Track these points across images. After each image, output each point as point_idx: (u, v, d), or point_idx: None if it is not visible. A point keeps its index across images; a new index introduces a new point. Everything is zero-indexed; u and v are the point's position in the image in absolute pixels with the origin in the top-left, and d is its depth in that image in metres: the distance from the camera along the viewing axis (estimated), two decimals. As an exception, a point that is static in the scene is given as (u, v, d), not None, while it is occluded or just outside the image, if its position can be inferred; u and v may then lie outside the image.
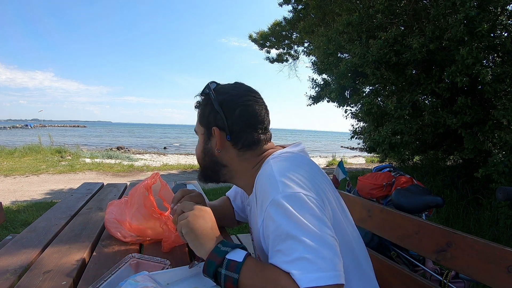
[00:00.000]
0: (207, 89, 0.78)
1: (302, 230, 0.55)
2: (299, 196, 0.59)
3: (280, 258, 0.56)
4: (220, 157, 0.77)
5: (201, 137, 0.81)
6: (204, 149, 0.80)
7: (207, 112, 0.77)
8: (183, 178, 7.02)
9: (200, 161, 0.82)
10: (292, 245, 0.55)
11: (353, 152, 19.20)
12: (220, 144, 0.75)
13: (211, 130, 0.76)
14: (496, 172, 2.88)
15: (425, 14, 4.00)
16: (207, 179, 0.84)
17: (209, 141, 0.78)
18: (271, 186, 0.62)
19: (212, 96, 0.76)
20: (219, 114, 0.74)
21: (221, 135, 0.75)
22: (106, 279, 0.71)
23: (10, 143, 15.58)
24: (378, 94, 4.54)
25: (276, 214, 0.58)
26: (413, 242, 1.03)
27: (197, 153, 0.82)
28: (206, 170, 0.82)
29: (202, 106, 0.80)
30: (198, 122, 0.81)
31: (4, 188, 5.30)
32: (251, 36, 10.20)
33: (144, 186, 0.94)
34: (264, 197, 0.62)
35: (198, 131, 0.82)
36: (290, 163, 0.68)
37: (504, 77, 3.09)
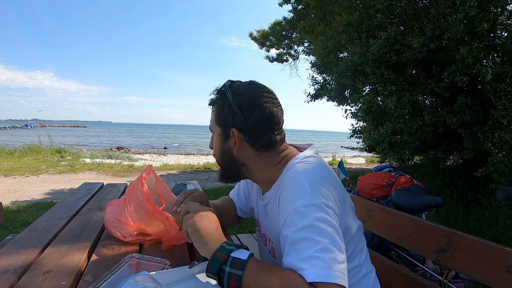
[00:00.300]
0: (224, 89, 0.77)
1: (319, 234, 0.59)
2: (323, 207, 0.62)
3: (294, 255, 0.59)
4: (239, 157, 0.78)
5: (217, 138, 0.81)
6: (221, 149, 0.80)
7: (225, 113, 0.77)
8: (183, 178, 7.02)
9: (219, 161, 0.83)
10: (307, 244, 0.58)
11: (353, 152, 19.19)
12: (239, 145, 0.77)
13: (229, 131, 0.76)
14: (496, 171, 2.88)
15: (425, 13, 3.99)
16: (229, 179, 0.85)
17: (226, 142, 0.78)
18: (300, 191, 0.65)
19: (229, 97, 0.76)
20: (237, 115, 0.75)
21: (240, 137, 0.76)
22: (106, 279, 0.71)
23: (10, 143, 15.58)
24: (378, 93, 4.54)
25: (299, 219, 0.61)
26: (413, 242, 1.04)
27: (216, 153, 0.83)
28: (226, 169, 0.83)
29: (218, 106, 0.79)
30: (214, 122, 0.80)
31: (4, 188, 5.30)
32: (252, 34, 10.20)
33: (139, 182, 0.94)
34: (291, 200, 0.65)
35: (214, 130, 0.82)
36: (317, 170, 0.72)
37: (504, 77, 3.09)
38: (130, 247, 0.93)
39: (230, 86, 0.78)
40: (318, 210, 0.62)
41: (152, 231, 0.95)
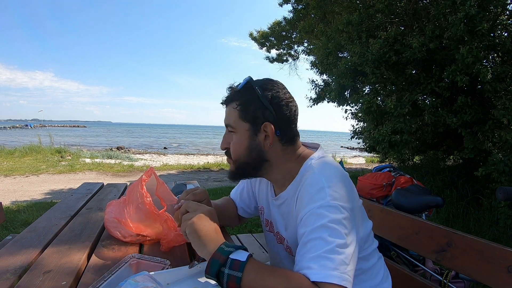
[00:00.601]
0: (252, 84, 0.77)
1: (332, 235, 0.60)
2: (341, 209, 0.64)
3: (304, 254, 0.61)
4: (268, 151, 0.78)
5: (244, 134, 0.78)
6: (250, 145, 0.78)
7: (253, 107, 0.76)
8: (183, 178, 7.02)
9: (243, 158, 0.79)
10: (318, 244, 0.60)
11: (353, 152, 19.19)
12: (272, 140, 0.77)
13: (258, 126, 0.76)
14: (496, 171, 2.87)
15: (425, 13, 3.99)
16: (242, 176, 0.84)
17: (256, 137, 0.77)
18: (319, 192, 0.67)
19: (258, 92, 0.76)
20: (267, 109, 0.75)
21: (273, 131, 0.76)
22: (106, 279, 0.71)
23: (10, 143, 15.58)
24: (377, 93, 4.53)
25: (316, 219, 0.63)
26: (413, 242, 1.04)
27: (239, 150, 0.79)
28: (245, 166, 0.80)
29: (243, 101, 0.77)
30: (239, 118, 0.77)
31: (4, 188, 5.30)
32: (252, 34, 10.19)
33: (139, 184, 0.94)
34: (310, 200, 0.67)
35: (238, 127, 0.78)
36: (336, 172, 0.74)
37: (504, 77, 3.09)
38: (130, 247, 0.93)
39: (254, 81, 0.78)
40: (335, 212, 0.63)
41: (151, 233, 0.95)
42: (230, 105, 0.79)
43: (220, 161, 9.99)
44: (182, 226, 0.72)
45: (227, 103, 0.81)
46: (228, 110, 0.80)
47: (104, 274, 0.72)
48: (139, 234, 0.95)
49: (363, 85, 4.75)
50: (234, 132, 0.79)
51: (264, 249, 2.07)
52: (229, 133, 0.81)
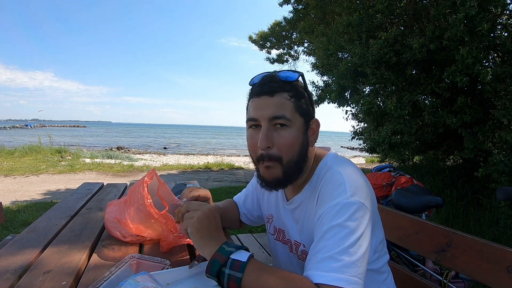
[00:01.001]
0: (304, 79, 0.75)
1: (348, 235, 0.59)
2: (361, 206, 0.63)
3: (316, 253, 0.59)
4: (310, 150, 0.77)
5: (300, 129, 0.71)
6: (303, 141, 0.73)
7: (304, 103, 0.73)
8: (183, 178, 7.02)
9: (295, 157, 0.71)
10: (331, 244, 0.58)
11: (353, 152, 19.19)
12: (317, 135, 0.77)
13: (309, 122, 0.74)
14: (496, 171, 2.87)
15: (425, 14, 3.99)
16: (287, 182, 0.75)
17: (307, 133, 0.74)
18: (339, 188, 0.65)
19: (307, 87, 0.75)
20: (311, 106, 0.76)
21: (319, 127, 0.77)
22: (106, 279, 0.71)
23: (10, 143, 15.57)
24: (378, 94, 4.54)
25: (334, 216, 0.61)
26: (413, 242, 1.04)
27: (294, 148, 0.71)
28: (295, 166, 0.72)
29: (297, 95, 0.72)
30: (295, 112, 0.71)
31: (4, 188, 5.30)
32: (251, 37, 10.20)
33: (141, 185, 0.94)
34: (330, 197, 0.65)
35: (294, 121, 0.70)
36: (354, 169, 0.72)
37: (504, 77, 3.08)
38: (130, 247, 0.93)
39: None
40: (354, 209, 0.61)
41: (151, 234, 0.95)
42: (281, 96, 0.70)
43: (220, 161, 9.99)
44: (183, 224, 0.72)
45: (275, 93, 0.70)
46: (277, 101, 0.70)
47: (104, 274, 0.72)
48: (139, 234, 0.95)
49: (363, 86, 4.76)
50: (288, 126, 0.70)
51: (264, 249, 2.07)
52: (272, 128, 0.70)
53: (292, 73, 0.73)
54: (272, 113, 0.69)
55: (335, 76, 4.65)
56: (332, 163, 0.74)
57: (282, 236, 0.87)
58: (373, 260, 0.75)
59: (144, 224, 0.93)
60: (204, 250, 0.66)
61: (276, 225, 0.90)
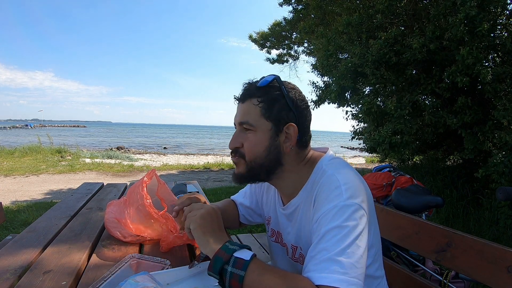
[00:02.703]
0: (278, 83, 0.74)
1: (346, 236, 0.59)
2: (358, 208, 0.63)
3: (316, 255, 0.59)
4: (285, 154, 0.75)
5: (266, 133, 0.73)
6: (270, 145, 0.73)
7: (277, 107, 0.73)
8: (183, 178, 7.02)
9: (260, 159, 0.74)
10: (330, 246, 0.58)
11: (353, 152, 19.19)
12: (294, 142, 0.74)
13: (281, 127, 0.73)
14: (496, 172, 2.87)
15: (425, 14, 3.99)
16: (252, 179, 0.78)
17: (277, 137, 0.74)
18: (335, 191, 0.65)
19: (284, 91, 0.73)
20: (291, 111, 0.73)
21: (296, 132, 0.74)
22: (106, 279, 0.71)
23: (10, 143, 15.57)
24: (378, 94, 4.53)
25: (332, 219, 0.62)
26: (413, 242, 1.04)
27: (258, 150, 0.74)
28: (260, 168, 0.75)
29: (267, 99, 0.73)
30: (261, 116, 0.73)
31: (4, 188, 5.30)
32: (251, 36, 10.19)
33: (140, 185, 0.94)
34: (326, 199, 0.65)
35: (259, 125, 0.73)
36: (350, 171, 0.72)
37: (504, 77, 3.08)
38: (130, 247, 0.93)
39: (280, 80, 0.74)
40: (351, 211, 0.62)
41: (150, 234, 0.95)
42: (249, 101, 0.74)
43: (220, 161, 9.99)
44: (186, 222, 0.72)
45: (245, 99, 0.75)
46: (245, 107, 0.75)
47: (104, 274, 0.73)
48: (138, 235, 0.96)
49: (363, 86, 4.75)
50: (253, 130, 0.74)
51: (264, 249, 2.07)
52: (243, 131, 0.75)
53: (266, 79, 0.74)
54: (240, 118, 0.75)
55: (335, 77, 4.64)
56: (327, 166, 0.74)
57: (280, 239, 0.87)
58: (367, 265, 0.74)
59: (144, 224, 0.94)
60: (207, 248, 0.66)
61: (274, 228, 0.90)
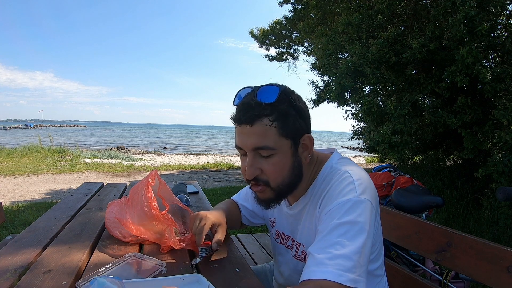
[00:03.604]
0: (286, 94, 0.68)
1: (358, 233, 0.59)
2: (369, 205, 0.63)
3: (327, 248, 0.58)
4: (304, 165, 0.73)
5: (287, 152, 0.69)
6: (293, 164, 0.70)
7: (291, 120, 0.68)
8: (183, 178, 7.02)
9: (287, 180, 0.70)
10: (344, 241, 0.58)
11: (353, 152, 19.19)
12: (311, 150, 0.73)
13: (298, 140, 0.70)
14: (496, 172, 2.87)
15: (425, 13, 3.99)
16: (281, 199, 0.75)
17: (297, 153, 0.71)
18: (348, 186, 0.65)
19: (293, 102, 0.68)
20: (301, 119, 0.70)
21: (312, 140, 0.73)
22: (99, 274, 0.72)
23: (10, 143, 15.57)
24: (378, 93, 4.53)
25: (346, 212, 0.61)
26: (413, 242, 1.04)
27: (283, 174, 0.69)
28: (287, 188, 0.72)
29: (281, 115, 0.67)
30: (280, 136, 0.67)
31: (4, 188, 5.30)
32: (252, 32, 10.19)
33: (144, 186, 0.94)
34: (340, 193, 0.65)
35: (279, 147, 0.67)
36: (360, 169, 0.72)
37: (504, 77, 3.08)
38: (130, 247, 0.93)
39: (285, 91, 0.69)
40: (364, 207, 0.62)
41: (151, 235, 0.95)
42: (260, 123, 0.66)
43: (220, 161, 9.99)
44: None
45: (253, 121, 0.66)
46: (258, 130, 0.66)
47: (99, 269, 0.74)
48: (139, 235, 0.95)
49: (363, 86, 4.75)
50: (273, 154, 0.67)
51: (264, 249, 2.07)
52: (258, 156, 0.68)
53: (271, 93, 0.66)
54: (254, 143, 0.67)
55: (334, 76, 4.64)
56: (338, 164, 0.74)
57: (285, 240, 0.87)
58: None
59: (146, 225, 0.93)
60: None
61: (278, 229, 0.90)
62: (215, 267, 0.82)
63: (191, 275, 0.74)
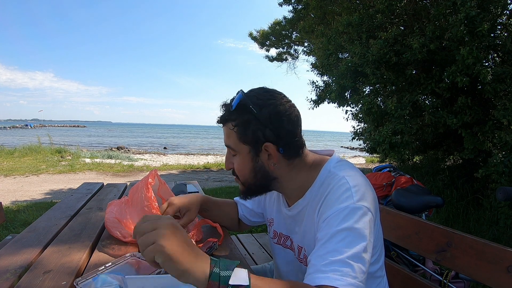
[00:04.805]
0: (245, 103, 0.70)
1: (357, 240, 0.60)
2: (366, 211, 0.64)
3: (325, 255, 0.59)
4: (274, 170, 0.75)
5: (246, 156, 0.74)
6: (254, 167, 0.75)
7: (252, 128, 0.71)
8: (183, 178, 7.02)
9: (250, 180, 0.77)
10: (343, 247, 0.59)
11: (353, 152, 19.19)
12: (276, 159, 0.74)
13: (259, 147, 0.72)
14: (496, 172, 2.87)
15: (425, 14, 3.99)
16: (254, 195, 0.82)
17: (258, 158, 0.74)
18: (345, 193, 0.66)
19: (254, 111, 0.70)
20: (267, 128, 0.71)
21: (275, 150, 0.72)
22: (98, 272, 0.72)
23: (10, 143, 15.57)
24: (378, 94, 4.53)
25: (343, 220, 0.62)
26: (413, 242, 1.04)
27: (245, 174, 0.76)
28: (255, 187, 0.78)
29: (240, 122, 0.72)
30: (239, 141, 0.73)
31: (4, 188, 5.30)
32: (251, 34, 10.19)
33: (144, 186, 0.94)
34: (337, 201, 0.66)
35: (239, 150, 0.74)
36: (359, 174, 0.73)
37: (504, 77, 3.08)
38: (130, 247, 0.93)
39: (248, 97, 0.71)
40: (361, 214, 0.63)
41: None
42: (226, 125, 0.75)
43: (220, 161, 9.99)
44: (145, 255, 0.50)
45: (223, 123, 0.76)
46: (225, 130, 0.76)
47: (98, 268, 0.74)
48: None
49: (363, 86, 4.75)
50: (235, 154, 0.76)
51: (264, 249, 2.07)
52: (230, 153, 0.78)
53: (236, 101, 0.71)
54: (225, 141, 0.77)
55: (335, 76, 4.64)
56: (336, 168, 0.74)
57: (282, 241, 0.87)
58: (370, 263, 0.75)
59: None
60: (189, 278, 0.48)
61: (276, 229, 0.90)
62: (215, 267, 0.82)
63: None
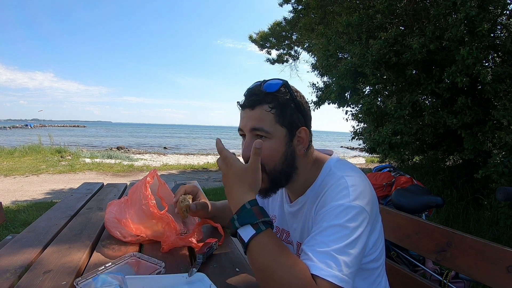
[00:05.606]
0: (287, 86, 0.75)
1: (346, 235, 0.61)
2: (361, 211, 0.65)
3: (314, 246, 0.61)
4: (299, 157, 0.77)
5: (282, 139, 0.73)
6: (286, 152, 0.74)
7: (289, 111, 0.73)
8: (183, 178, 7.02)
9: (278, 166, 0.74)
10: (330, 241, 0.60)
11: (353, 152, 19.19)
12: (307, 143, 0.76)
13: (294, 131, 0.74)
14: (496, 172, 2.87)
15: (425, 14, 3.99)
16: (275, 189, 0.79)
17: (291, 143, 0.74)
18: (342, 191, 0.67)
19: (293, 95, 0.74)
20: (300, 113, 0.75)
21: (308, 134, 0.76)
22: (98, 273, 0.72)
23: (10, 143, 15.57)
24: (378, 94, 4.53)
25: (336, 216, 0.64)
26: (413, 242, 1.04)
27: (275, 159, 0.74)
28: (280, 176, 0.75)
29: (280, 105, 0.73)
30: (276, 123, 0.72)
31: (4, 188, 5.30)
32: (251, 37, 10.18)
33: (143, 185, 0.94)
34: (333, 199, 0.67)
35: (274, 133, 0.72)
36: (358, 174, 0.73)
37: (504, 77, 3.08)
38: (130, 247, 0.93)
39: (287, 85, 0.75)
40: (355, 213, 0.64)
41: (151, 234, 0.95)
42: (260, 108, 0.73)
43: (220, 161, 9.97)
44: (218, 162, 0.71)
45: (254, 106, 0.73)
46: (257, 114, 0.73)
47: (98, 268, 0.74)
48: (139, 235, 0.95)
49: (363, 86, 4.75)
50: (268, 137, 0.73)
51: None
52: (255, 138, 0.73)
53: (274, 83, 0.74)
54: (252, 125, 0.73)
55: (335, 77, 4.64)
56: (335, 168, 0.76)
57: (284, 237, 0.89)
58: (368, 261, 0.75)
59: (145, 224, 0.93)
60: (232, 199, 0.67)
61: (278, 225, 0.92)
62: (215, 267, 0.83)
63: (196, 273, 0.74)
